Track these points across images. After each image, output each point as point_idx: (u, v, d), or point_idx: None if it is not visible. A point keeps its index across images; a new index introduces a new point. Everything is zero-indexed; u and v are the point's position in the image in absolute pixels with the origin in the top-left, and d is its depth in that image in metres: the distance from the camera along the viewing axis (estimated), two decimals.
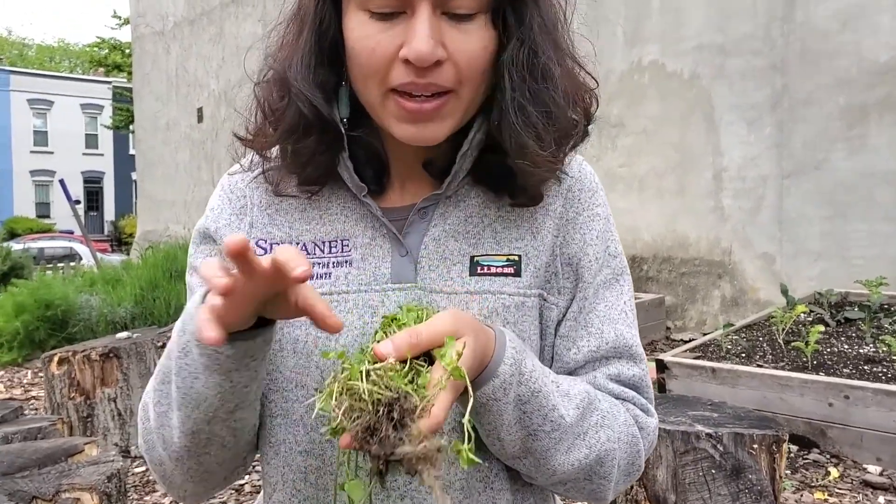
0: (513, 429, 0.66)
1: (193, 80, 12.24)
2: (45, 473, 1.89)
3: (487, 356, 0.62)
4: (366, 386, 0.53)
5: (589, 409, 0.70)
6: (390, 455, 0.52)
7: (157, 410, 0.70)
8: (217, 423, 0.67)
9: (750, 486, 1.98)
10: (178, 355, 0.65)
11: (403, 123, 0.69)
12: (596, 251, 0.78)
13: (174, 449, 0.70)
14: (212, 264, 0.56)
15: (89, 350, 3.68)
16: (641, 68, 6.26)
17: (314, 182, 0.76)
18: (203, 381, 0.64)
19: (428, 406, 0.53)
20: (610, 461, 0.71)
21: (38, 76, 34.99)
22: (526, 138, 0.70)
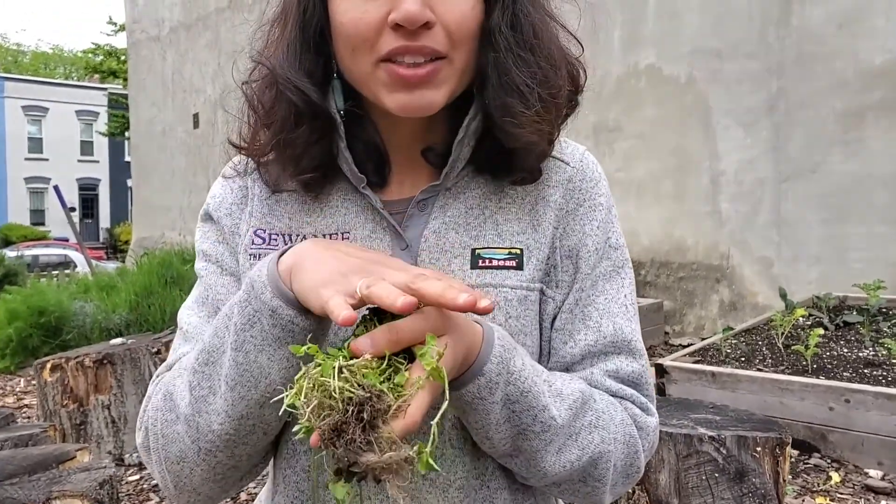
0: (502, 428, 0.64)
1: (189, 85, 12.23)
2: (36, 480, 1.85)
3: (473, 354, 0.60)
4: (336, 383, 0.50)
5: (582, 410, 0.68)
6: (353, 463, 0.49)
7: (194, 395, 0.65)
8: (269, 407, 0.63)
9: (753, 489, 1.95)
10: (242, 327, 0.61)
11: (396, 93, 0.67)
12: (595, 242, 0.76)
13: (210, 439, 0.65)
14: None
15: (83, 356, 3.64)
16: (638, 72, 6.27)
17: (310, 176, 0.74)
18: (269, 355, 0.61)
19: (404, 406, 0.50)
20: (604, 463, 0.69)
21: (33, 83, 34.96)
22: (509, 97, 0.69)
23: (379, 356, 0.53)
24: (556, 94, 0.71)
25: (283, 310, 0.59)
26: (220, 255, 0.78)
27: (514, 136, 0.70)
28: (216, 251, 0.79)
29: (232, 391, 0.63)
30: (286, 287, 0.60)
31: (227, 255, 0.78)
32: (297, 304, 0.59)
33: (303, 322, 0.60)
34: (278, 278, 0.60)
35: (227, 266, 0.78)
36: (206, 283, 0.78)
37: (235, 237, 0.78)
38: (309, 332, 0.60)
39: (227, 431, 0.65)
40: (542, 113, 0.70)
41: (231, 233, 0.78)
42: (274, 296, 0.60)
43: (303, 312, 0.59)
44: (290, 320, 0.59)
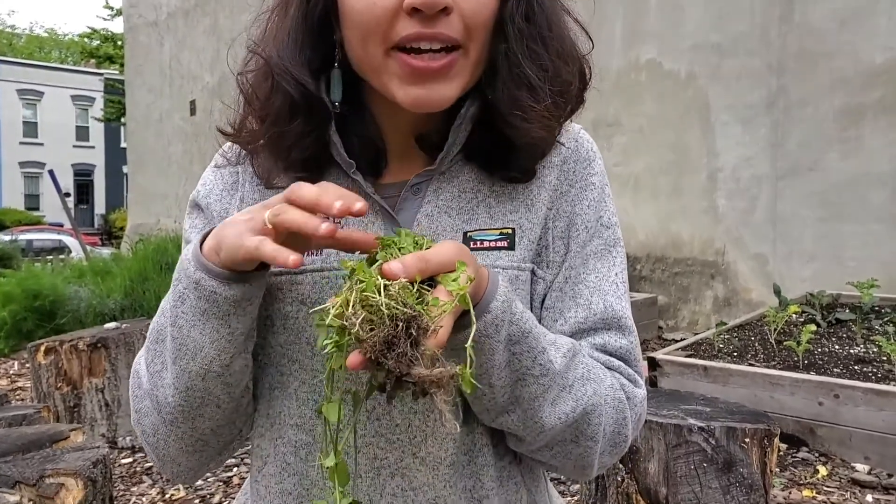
0: (503, 373, 0.64)
1: (187, 72, 12.16)
2: (29, 458, 1.86)
3: (480, 291, 0.61)
4: (384, 300, 0.52)
5: (574, 361, 0.69)
6: (405, 374, 0.51)
7: (150, 371, 0.69)
8: (211, 379, 0.66)
9: (741, 479, 1.97)
10: (175, 304, 0.64)
11: (408, 85, 0.66)
12: (586, 220, 0.76)
13: (168, 411, 0.68)
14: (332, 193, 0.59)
15: (77, 340, 3.64)
16: (638, 67, 6.27)
17: (303, 168, 0.74)
18: (200, 328, 0.64)
19: (436, 327, 0.52)
20: (596, 418, 0.69)
21: (28, 66, 34.69)
22: (518, 91, 0.68)
23: (409, 281, 0.55)
24: (566, 90, 0.71)
25: (206, 281, 0.62)
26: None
27: (522, 130, 0.70)
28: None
29: (175, 365, 0.66)
30: (208, 261, 0.62)
31: None
32: (219, 274, 0.62)
33: (225, 291, 0.62)
34: (199, 253, 0.63)
35: None
36: None
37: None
38: (233, 302, 0.63)
39: (180, 403, 0.67)
40: (552, 108, 0.70)
41: (221, 218, 0.78)
42: (196, 269, 0.62)
43: (225, 282, 0.62)
44: (213, 290, 0.62)
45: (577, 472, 0.74)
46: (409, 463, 0.70)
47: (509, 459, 0.75)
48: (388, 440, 0.70)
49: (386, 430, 0.70)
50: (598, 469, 0.74)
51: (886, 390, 3.05)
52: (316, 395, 0.71)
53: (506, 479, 0.74)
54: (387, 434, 0.70)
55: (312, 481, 0.72)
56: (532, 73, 0.68)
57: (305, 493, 0.72)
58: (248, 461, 3.49)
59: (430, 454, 0.70)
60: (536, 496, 0.79)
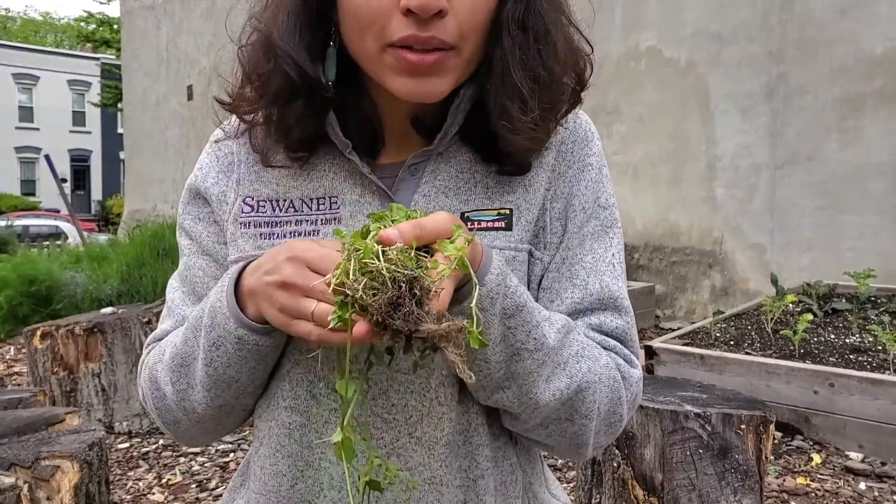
0: (497, 348, 0.64)
1: (184, 56, 12.08)
2: (25, 441, 1.85)
3: (475, 264, 0.61)
4: (383, 264, 0.53)
5: (569, 338, 0.69)
6: (414, 331, 0.52)
7: (175, 388, 0.73)
8: (245, 397, 0.72)
9: (736, 465, 1.98)
10: (208, 348, 0.68)
11: (403, 77, 0.67)
12: (583, 201, 0.76)
13: (196, 418, 0.74)
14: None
15: (73, 325, 3.63)
16: (638, 55, 6.24)
17: (300, 147, 0.74)
18: (236, 368, 0.68)
19: (437, 290, 0.53)
20: (591, 396, 0.69)
21: (24, 50, 34.41)
22: (509, 101, 0.68)
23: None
24: (558, 99, 0.71)
25: (249, 336, 0.65)
26: (198, 234, 0.80)
27: (508, 140, 0.70)
28: (195, 230, 0.80)
29: (208, 392, 0.70)
30: (248, 318, 0.65)
31: (204, 235, 0.80)
32: (262, 330, 0.65)
33: (268, 342, 0.66)
34: (238, 310, 0.65)
35: (204, 246, 0.79)
36: (186, 261, 0.81)
37: (223, 205, 0.78)
38: (274, 347, 0.67)
39: (210, 414, 0.73)
40: (539, 122, 0.69)
41: (218, 200, 0.78)
42: (238, 326, 0.65)
43: (267, 333, 0.65)
44: (256, 343, 0.66)
45: (572, 452, 0.74)
46: (405, 443, 0.69)
47: (504, 440, 0.75)
48: (384, 420, 0.70)
49: (382, 409, 0.69)
50: (593, 449, 0.73)
51: (881, 379, 3.06)
52: (310, 375, 0.71)
53: (501, 460, 0.74)
54: (383, 414, 0.70)
55: (307, 462, 0.72)
56: (523, 85, 0.68)
57: (300, 474, 0.72)
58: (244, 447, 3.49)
59: (425, 434, 0.70)
60: (532, 478, 0.79)
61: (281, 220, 0.75)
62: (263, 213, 0.76)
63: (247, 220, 0.76)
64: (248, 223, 0.76)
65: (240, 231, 0.76)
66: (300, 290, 0.59)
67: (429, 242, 0.57)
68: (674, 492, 2.00)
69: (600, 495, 2.16)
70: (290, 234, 0.74)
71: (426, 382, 0.69)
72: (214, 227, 0.80)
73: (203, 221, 0.80)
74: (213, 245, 0.79)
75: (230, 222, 0.77)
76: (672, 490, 2.00)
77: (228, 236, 0.77)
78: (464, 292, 0.60)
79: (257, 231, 0.75)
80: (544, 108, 0.69)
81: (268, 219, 0.75)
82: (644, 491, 2.05)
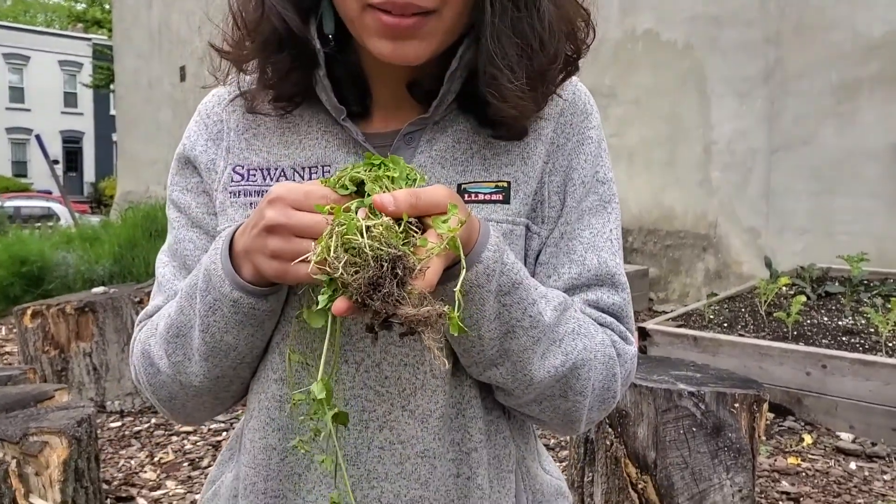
0: (492, 325, 0.63)
1: (176, 37, 11.94)
2: (13, 417, 1.84)
3: (472, 241, 0.60)
4: (367, 241, 0.51)
5: (565, 316, 0.68)
6: (392, 315, 0.51)
7: (171, 361, 0.71)
8: (243, 367, 0.71)
9: (729, 444, 1.98)
10: (205, 313, 0.66)
11: (382, 39, 0.65)
12: (583, 175, 0.74)
13: (193, 391, 0.72)
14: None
15: (64, 304, 3.61)
16: (635, 37, 6.19)
17: (289, 99, 0.73)
18: (234, 335, 0.66)
19: (423, 268, 0.52)
20: (585, 374, 0.68)
21: (14, 29, 33.95)
22: (495, 69, 0.66)
23: (397, 218, 0.54)
24: (547, 69, 0.69)
25: (245, 299, 0.64)
26: (187, 205, 0.78)
27: (495, 107, 0.68)
28: (184, 201, 0.78)
29: (205, 361, 0.69)
30: (243, 280, 0.63)
31: (194, 207, 0.78)
32: (258, 292, 0.63)
33: (264, 305, 0.65)
34: (233, 272, 0.64)
35: (194, 218, 0.78)
36: (175, 234, 0.79)
37: (212, 173, 0.77)
38: (270, 311, 0.66)
39: (208, 387, 0.71)
40: (527, 90, 0.67)
41: (207, 169, 0.77)
42: (233, 288, 0.64)
43: (263, 296, 0.64)
44: (252, 306, 0.64)
45: (564, 427, 0.73)
46: (398, 416, 0.68)
47: (498, 414, 0.74)
48: (376, 392, 0.68)
49: (375, 382, 0.68)
50: (586, 424, 0.73)
51: (873, 360, 3.07)
52: (301, 347, 0.69)
53: (494, 433, 0.73)
54: (375, 387, 0.68)
55: (298, 435, 0.70)
56: (509, 52, 0.66)
57: (290, 448, 0.71)
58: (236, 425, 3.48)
59: (419, 407, 0.69)
60: (525, 452, 0.78)
61: None
62: (254, 181, 0.74)
63: (237, 189, 0.74)
64: (238, 192, 0.74)
65: (229, 200, 0.74)
66: (288, 230, 0.57)
67: (422, 215, 0.55)
68: (667, 470, 2.01)
69: (593, 473, 2.16)
70: None
71: (420, 355, 0.68)
72: (204, 198, 0.78)
73: (192, 192, 0.78)
74: (203, 216, 0.77)
75: (219, 191, 0.75)
76: (665, 468, 2.01)
77: (218, 206, 0.75)
78: (454, 271, 0.59)
79: (247, 200, 0.73)
80: (532, 77, 0.67)
81: (258, 188, 0.74)
82: (637, 469, 2.05)
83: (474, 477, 0.71)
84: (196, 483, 2.79)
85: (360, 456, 0.69)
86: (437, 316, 0.51)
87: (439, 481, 0.70)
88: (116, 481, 2.81)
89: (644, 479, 2.04)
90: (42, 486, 1.75)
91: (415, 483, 0.69)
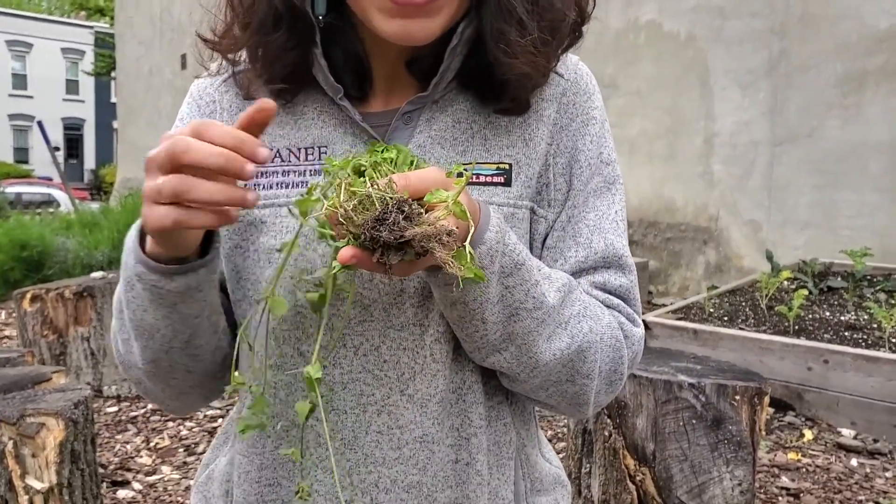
0: (495, 308, 0.62)
1: (178, 25, 11.90)
2: (10, 398, 1.83)
3: (474, 221, 0.58)
4: (373, 190, 0.52)
5: (571, 298, 0.66)
6: (400, 238, 0.50)
7: (120, 338, 0.71)
8: (175, 353, 0.67)
9: (729, 436, 1.97)
10: (124, 289, 0.65)
11: (390, 18, 0.63)
12: (588, 157, 0.73)
13: (143, 374, 0.71)
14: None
15: (63, 288, 3.60)
16: (638, 28, 6.15)
17: (284, 82, 0.70)
18: (152, 314, 0.64)
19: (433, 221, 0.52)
20: (592, 356, 0.67)
21: (17, 16, 33.86)
22: (505, 24, 0.64)
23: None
24: (558, 25, 0.67)
25: (146, 275, 0.61)
26: None
27: (506, 65, 0.66)
28: None
29: (137, 340, 0.67)
30: (149, 252, 0.61)
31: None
32: (159, 269, 0.60)
33: (167, 284, 0.61)
34: (138, 245, 0.62)
35: None
36: None
37: None
38: (178, 293, 0.62)
39: (150, 370, 0.69)
40: (539, 44, 0.65)
41: None
42: (136, 262, 0.61)
43: (166, 276, 0.60)
44: (154, 284, 0.61)
45: (573, 410, 0.72)
46: (397, 400, 0.67)
47: (499, 399, 0.72)
48: (375, 376, 0.67)
49: (373, 366, 0.67)
50: (594, 407, 0.72)
51: (876, 356, 3.05)
52: (297, 332, 0.68)
53: (494, 419, 0.72)
54: (374, 370, 0.67)
55: (293, 422, 0.69)
56: (519, 5, 0.64)
57: (285, 433, 0.70)
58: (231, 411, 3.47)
59: (418, 391, 0.67)
60: (526, 440, 0.77)
61: (267, 171, 0.71)
62: None
63: None
64: None
65: None
66: (173, 163, 0.53)
67: (417, 195, 0.54)
68: (665, 462, 1.99)
69: (591, 464, 2.15)
70: (276, 185, 0.71)
71: (420, 339, 0.67)
72: None
73: None
74: None
75: None
76: (664, 460, 2.00)
77: None
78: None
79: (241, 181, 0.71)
80: (543, 31, 0.66)
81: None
82: (635, 460, 2.04)
83: (473, 462, 0.70)
84: (191, 469, 2.78)
85: (357, 440, 0.67)
86: (447, 233, 0.51)
87: (437, 466, 0.68)
88: (112, 465, 2.80)
89: (643, 470, 2.03)
90: (38, 467, 1.74)
91: (413, 468, 0.68)
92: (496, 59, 0.66)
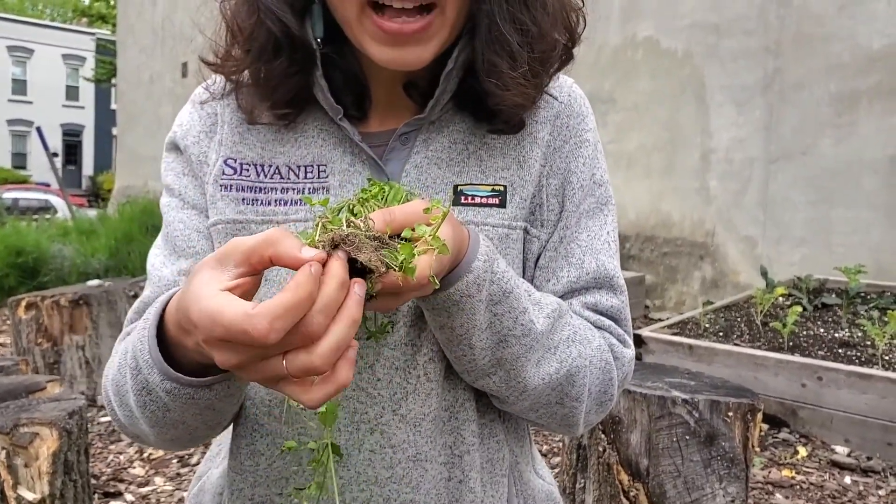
0: (483, 334, 0.63)
1: (179, 33, 11.94)
2: (4, 408, 1.82)
3: (462, 251, 0.59)
4: (346, 227, 0.51)
5: (560, 323, 0.67)
6: (356, 264, 0.50)
7: (122, 412, 0.66)
8: (204, 429, 0.65)
9: (723, 453, 1.97)
10: (139, 391, 0.60)
11: (383, 46, 0.64)
12: (581, 178, 0.74)
13: (152, 443, 0.69)
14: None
15: (58, 296, 3.60)
16: (635, 44, 6.20)
17: (286, 106, 0.72)
18: (178, 414, 0.60)
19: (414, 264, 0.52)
20: (581, 379, 0.68)
21: (19, 22, 33.95)
22: (496, 56, 0.66)
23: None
24: (547, 56, 0.68)
25: (180, 391, 0.57)
26: (183, 187, 0.76)
27: (497, 97, 0.67)
28: (179, 184, 0.76)
29: (152, 427, 0.63)
30: (174, 370, 0.57)
31: (190, 188, 0.76)
32: (195, 382, 0.57)
33: (206, 394, 0.58)
34: (161, 359, 0.57)
35: (188, 199, 0.75)
36: (166, 219, 0.76)
37: (203, 166, 0.75)
38: (219, 397, 0.59)
39: (168, 440, 0.66)
40: (530, 76, 0.67)
41: (199, 161, 0.75)
42: (164, 378, 0.57)
43: (206, 386, 0.57)
44: (190, 396, 0.57)
45: (563, 430, 0.73)
46: (389, 419, 0.68)
47: (492, 417, 0.73)
48: (368, 395, 0.68)
49: (367, 384, 0.68)
50: (584, 426, 0.73)
51: (869, 373, 3.06)
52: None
53: (487, 437, 0.73)
54: (367, 389, 0.68)
55: (286, 440, 0.69)
56: (511, 39, 0.65)
57: (278, 452, 0.70)
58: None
59: (410, 411, 0.68)
60: (519, 457, 0.77)
61: (266, 187, 0.72)
62: (247, 176, 0.73)
63: (228, 183, 0.73)
64: (230, 186, 0.72)
65: (220, 193, 0.73)
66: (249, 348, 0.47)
67: (400, 229, 0.54)
68: (659, 478, 2.00)
69: (585, 480, 2.15)
70: (275, 201, 0.71)
71: (412, 359, 0.68)
72: (199, 181, 0.76)
73: (187, 176, 0.76)
74: (198, 197, 0.75)
75: (210, 183, 0.74)
76: (657, 476, 2.00)
77: (208, 198, 0.74)
78: (451, 278, 0.58)
79: (239, 195, 0.72)
80: (534, 63, 0.67)
81: (251, 183, 0.72)
82: (629, 476, 2.04)
83: (466, 480, 0.70)
84: (184, 480, 2.77)
85: (350, 458, 0.68)
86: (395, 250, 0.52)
87: (430, 485, 0.69)
88: (105, 476, 2.79)
89: (636, 486, 2.03)
90: (31, 478, 1.73)
91: (406, 487, 0.68)
92: (488, 90, 0.67)
